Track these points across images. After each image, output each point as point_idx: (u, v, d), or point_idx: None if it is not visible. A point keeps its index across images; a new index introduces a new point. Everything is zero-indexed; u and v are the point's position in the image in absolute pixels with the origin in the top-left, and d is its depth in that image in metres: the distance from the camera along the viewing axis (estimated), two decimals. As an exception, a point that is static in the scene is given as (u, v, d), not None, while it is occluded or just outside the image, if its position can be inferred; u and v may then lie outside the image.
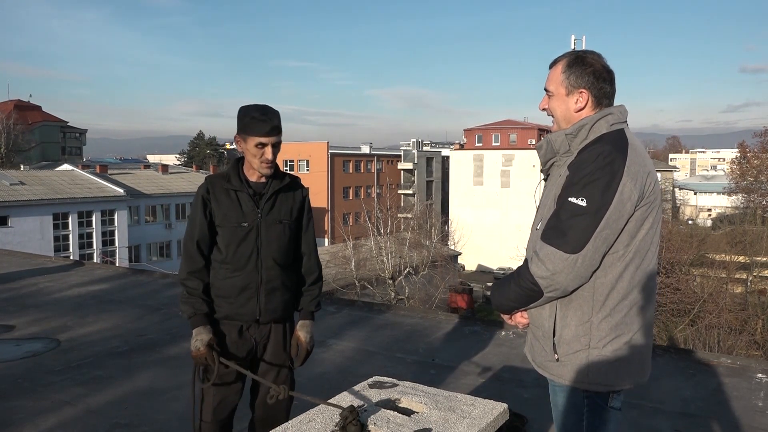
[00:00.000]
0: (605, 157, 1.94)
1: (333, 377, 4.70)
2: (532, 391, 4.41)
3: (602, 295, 1.99)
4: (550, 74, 2.16)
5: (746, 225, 36.75)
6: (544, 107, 2.20)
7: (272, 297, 2.73)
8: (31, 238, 32.04)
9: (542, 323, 2.10)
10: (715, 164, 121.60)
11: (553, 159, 2.16)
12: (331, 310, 6.84)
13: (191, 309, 2.64)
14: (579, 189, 1.93)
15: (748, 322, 21.67)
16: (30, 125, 65.72)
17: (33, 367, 4.94)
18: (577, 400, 2.08)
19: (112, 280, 8.58)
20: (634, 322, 2.03)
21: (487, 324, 6.19)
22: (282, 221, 2.75)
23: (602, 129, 2.05)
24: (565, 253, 1.91)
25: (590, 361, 2.01)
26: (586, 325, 2.01)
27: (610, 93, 2.11)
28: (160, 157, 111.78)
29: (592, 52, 2.12)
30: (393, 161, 64.80)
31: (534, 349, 2.18)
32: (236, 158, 2.78)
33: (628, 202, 1.93)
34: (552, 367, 2.09)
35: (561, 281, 1.94)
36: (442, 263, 31.36)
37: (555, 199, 2.02)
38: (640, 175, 1.96)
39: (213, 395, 2.70)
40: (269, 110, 2.63)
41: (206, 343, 2.58)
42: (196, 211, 2.69)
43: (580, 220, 1.91)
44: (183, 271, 2.69)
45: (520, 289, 2.04)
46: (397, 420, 2.12)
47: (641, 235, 1.99)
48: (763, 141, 53.96)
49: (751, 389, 4.46)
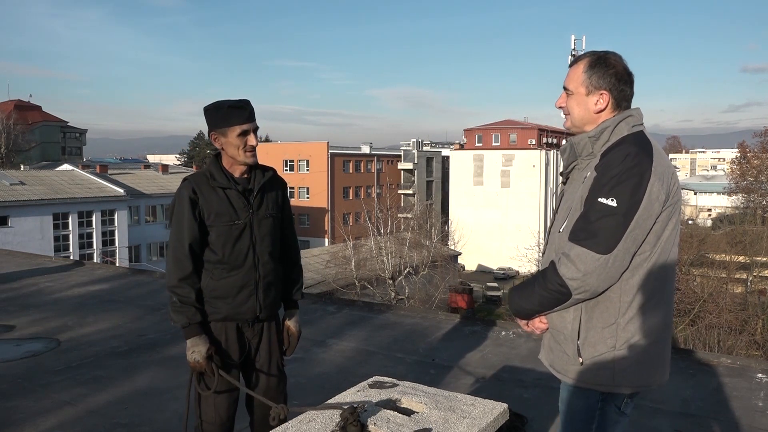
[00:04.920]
0: (633, 158, 1.94)
1: (333, 377, 4.70)
2: (532, 391, 4.41)
3: (629, 296, 1.98)
4: (570, 72, 2.14)
5: (746, 225, 36.70)
6: (561, 105, 2.19)
7: (269, 292, 2.74)
8: (31, 238, 32.03)
9: (564, 327, 2.07)
10: (715, 164, 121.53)
11: (574, 162, 2.16)
12: (331, 310, 6.83)
13: (185, 319, 2.59)
14: (609, 190, 1.92)
15: (748, 322, 21.64)
16: (30, 125, 65.70)
17: (33, 367, 4.94)
18: (591, 402, 2.07)
19: (112, 280, 8.58)
20: (658, 322, 2.03)
21: (487, 324, 6.19)
22: (271, 215, 2.74)
23: (623, 131, 2.05)
24: (597, 253, 1.90)
25: (616, 362, 2.00)
26: (612, 327, 1.99)
27: (630, 95, 2.11)
28: (160, 157, 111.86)
29: (613, 53, 2.11)
30: (393, 161, 64.79)
31: (553, 353, 2.15)
32: (213, 155, 2.73)
33: (656, 202, 1.93)
34: (574, 371, 2.07)
35: (592, 282, 1.93)
36: (442, 263, 31.35)
37: (581, 201, 2.01)
38: (665, 176, 1.96)
39: (214, 396, 2.68)
40: (242, 99, 2.63)
41: (204, 355, 2.56)
42: (182, 213, 2.60)
43: (610, 220, 1.90)
44: (172, 277, 2.59)
45: (547, 292, 2.01)
46: (397, 420, 2.12)
47: (666, 235, 2.00)
48: (764, 141, 53.96)
49: (751, 389, 4.45)
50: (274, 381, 2.80)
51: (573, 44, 26.65)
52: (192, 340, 2.59)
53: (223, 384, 2.64)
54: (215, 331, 2.69)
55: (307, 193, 56.52)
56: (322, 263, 28.93)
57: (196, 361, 2.56)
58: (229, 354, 2.69)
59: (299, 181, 55.69)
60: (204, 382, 2.66)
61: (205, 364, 2.56)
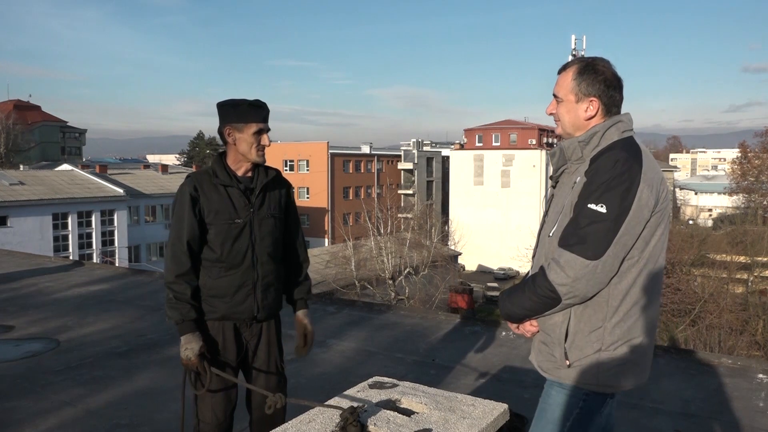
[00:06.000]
0: (623, 164, 1.95)
1: (333, 377, 4.70)
2: (533, 392, 4.40)
3: (616, 300, 2.00)
4: (559, 80, 2.16)
5: (747, 225, 36.71)
6: (552, 112, 2.20)
7: (268, 293, 2.72)
8: (31, 238, 32.04)
9: (553, 330, 2.10)
10: (715, 164, 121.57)
11: (564, 166, 2.17)
12: (331, 310, 6.83)
13: (179, 315, 2.59)
14: (598, 196, 1.94)
15: (748, 322, 21.65)
16: (30, 125, 65.71)
17: (33, 367, 4.94)
18: (573, 400, 2.10)
19: (111, 281, 8.58)
20: (643, 326, 2.05)
21: (487, 324, 6.19)
22: (273, 215, 2.73)
23: (613, 136, 2.06)
24: (586, 259, 1.92)
25: (600, 364, 2.03)
26: (599, 330, 2.02)
27: (619, 101, 2.13)
28: (160, 157, 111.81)
29: (601, 59, 2.13)
30: (393, 161, 64.80)
31: (542, 354, 2.18)
32: (218, 153, 2.74)
33: (646, 208, 1.95)
34: (561, 372, 2.10)
35: (581, 288, 1.95)
36: (442, 263, 31.34)
37: (571, 206, 2.02)
38: (655, 182, 1.98)
39: (211, 396, 2.67)
40: (260, 100, 2.67)
41: (197, 353, 2.54)
42: (182, 210, 2.60)
43: (600, 226, 1.92)
44: (169, 273, 2.61)
45: (537, 297, 2.03)
46: (397, 420, 2.11)
47: (654, 241, 2.02)
48: (764, 141, 54.03)
49: (752, 389, 4.45)
50: (273, 382, 2.79)
51: (573, 44, 26.69)
52: (185, 337, 2.58)
53: (218, 383, 2.63)
54: (212, 330, 2.68)
55: (307, 193, 56.53)
56: (322, 263, 28.90)
57: (188, 359, 2.55)
58: (226, 353, 2.68)
59: (299, 181, 55.67)
60: (199, 381, 2.64)
61: (197, 362, 2.55)
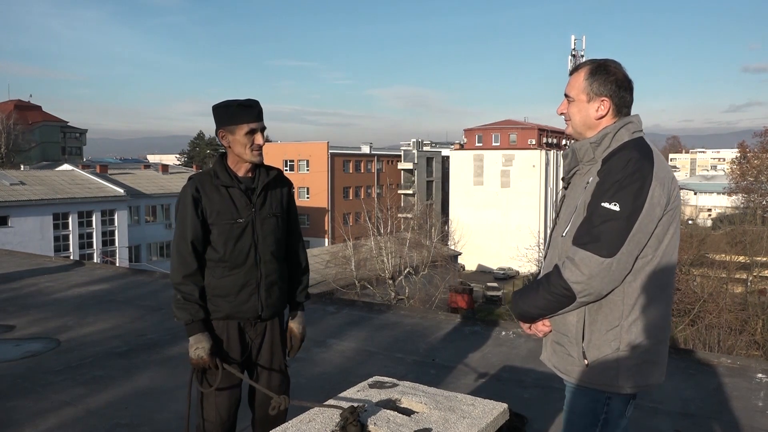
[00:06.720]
0: (635, 164, 1.98)
1: (333, 377, 4.70)
2: (532, 391, 4.41)
3: (632, 298, 2.02)
4: (571, 80, 2.20)
5: (746, 225, 36.75)
6: (563, 111, 2.23)
7: (271, 292, 2.74)
8: (31, 238, 32.02)
9: (568, 329, 2.11)
10: (715, 164, 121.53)
11: (576, 167, 2.20)
12: (331, 310, 6.84)
13: (188, 315, 2.60)
14: (611, 194, 1.97)
15: (748, 322, 21.66)
16: (30, 125, 65.71)
17: (33, 367, 4.94)
18: (597, 404, 2.11)
19: (112, 280, 8.57)
20: (659, 324, 2.07)
21: (487, 324, 6.19)
22: (275, 214, 2.75)
23: (624, 137, 2.09)
24: (601, 257, 1.94)
25: (620, 363, 2.04)
26: (617, 329, 2.03)
27: (629, 102, 2.16)
28: (160, 157, 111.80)
29: (613, 60, 2.17)
30: (393, 161, 64.78)
31: (557, 355, 2.18)
32: (219, 154, 2.76)
33: (658, 206, 1.98)
34: (579, 372, 2.11)
35: (596, 286, 1.97)
36: (442, 263, 31.35)
37: (584, 206, 2.05)
38: (666, 181, 2.01)
39: (215, 395, 2.69)
40: (250, 99, 2.67)
41: (208, 351, 2.56)
42: (186, 211, 2.63)
43: (613, 224, 1.95)
44: (177, 274, 2.62)
45: (551, 296, 2.05)
46: (397, 420, 2.12)
47: (667, 240, 2.05)
48: (764, 141, 53.97)
49: (751, 389, 4.45)
50: (276, 381, 2.80)
51: (573, 44, 26.69)
52: (195, 336, 2.60)
53: (225, 381, 2.65)
54: (217, 329, 2.69)
55: (307, 193, 56.51)
56: (322, 263, 28.89)
57: (200, 357, 2.57)
58: (231, 353, 2.69)
59: (299, 181, 55.64)
60: (206, 380, 2.66)
61: (209, 360, 2.56)
